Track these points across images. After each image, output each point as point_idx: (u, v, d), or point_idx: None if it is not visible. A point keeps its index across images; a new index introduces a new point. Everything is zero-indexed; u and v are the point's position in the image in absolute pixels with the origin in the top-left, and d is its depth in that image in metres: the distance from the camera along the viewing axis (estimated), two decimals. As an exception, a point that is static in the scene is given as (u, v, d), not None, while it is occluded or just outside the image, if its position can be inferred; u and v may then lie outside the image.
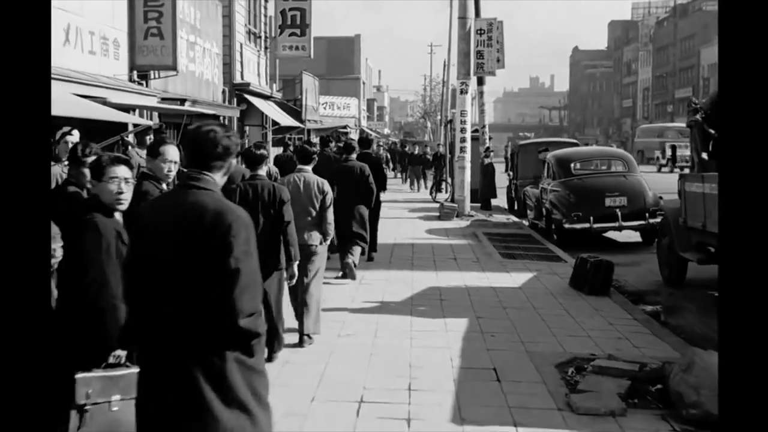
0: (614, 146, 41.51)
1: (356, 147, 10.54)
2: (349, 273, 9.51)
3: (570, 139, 29.43)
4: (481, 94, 23.48)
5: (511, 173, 22.31)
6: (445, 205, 19.14)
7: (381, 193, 11.26)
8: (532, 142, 23.77)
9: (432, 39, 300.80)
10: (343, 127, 40.41)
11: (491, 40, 19.77)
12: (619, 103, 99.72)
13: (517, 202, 20.88)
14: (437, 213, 18.98)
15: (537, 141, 25.38)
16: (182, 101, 13.69)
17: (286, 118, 23.87)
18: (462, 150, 19.07)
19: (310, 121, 31.23)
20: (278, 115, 22.84)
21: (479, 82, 23.07)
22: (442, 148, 28.57)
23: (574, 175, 14.75)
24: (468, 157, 19.17)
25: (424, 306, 8.63)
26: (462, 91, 19.20)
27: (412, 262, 11.76)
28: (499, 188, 22.09)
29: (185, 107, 13.52)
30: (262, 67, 23.36)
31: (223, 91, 18.70)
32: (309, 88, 32.42)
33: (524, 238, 14.89)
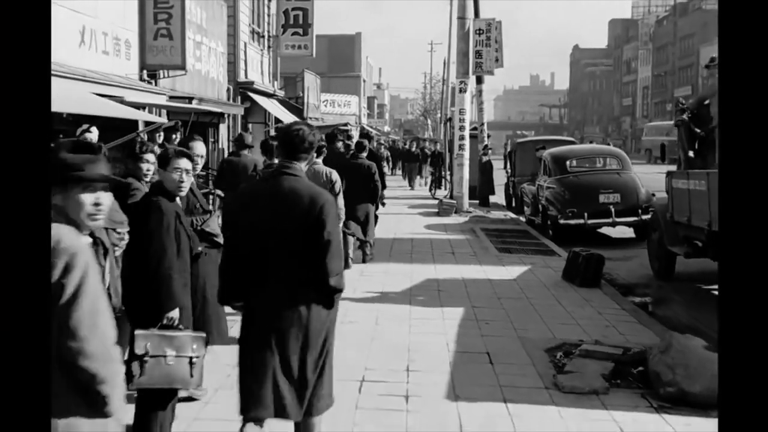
0: (611, 144, 41.74)
1: (367, 146, 10.94)
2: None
3: (567, 138, 29.74)
4: (480, 93, 23.77)
5: (508, 170, 22.61)
6: (444, 202, 19.39)
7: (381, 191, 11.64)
8: (530, 141, 24.09)
9: (432, 37, 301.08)
10: (344, 125, 40.67)
11: (490, 40, 20.13)
12: (619, 101, 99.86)
13: (514, 199, 21.11)
14: (436, 209, 19.23)
15: (534, 139, 25.76)
16: (190, 99, 14.05)
17: (289, 116, 24.17)
18: (461, 147, 19.39)
19: (311, 118, 31.53)
20: (281, 113, 23.17)
21: (478, 81, 23.35)
22: (440, 146, 28.89)
23: (570, 173, 15.04)
24: (467, 155, 19.48)
25: (422, 296, 8.97)
26: (461, 90, 19.54)
27: (412, 256, 12.11)
28: (497, 185, 22.42)
29: (192, 105, 13.90)
30: (265, 66, 23.68)
31: (228, 89, 19.03)
32: (310, 86, 32.73)
33: (520, 234, 15.20)
